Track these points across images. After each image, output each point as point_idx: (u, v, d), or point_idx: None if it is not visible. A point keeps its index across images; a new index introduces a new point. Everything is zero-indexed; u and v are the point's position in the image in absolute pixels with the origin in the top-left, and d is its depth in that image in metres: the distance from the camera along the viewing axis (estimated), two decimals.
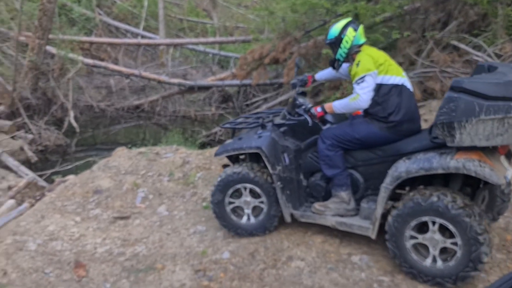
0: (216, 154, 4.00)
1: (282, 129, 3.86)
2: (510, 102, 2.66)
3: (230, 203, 3.93)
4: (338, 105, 3.54)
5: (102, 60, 13.95)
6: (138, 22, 16.69)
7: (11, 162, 7.87)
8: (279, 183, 3.66)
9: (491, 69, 3.18)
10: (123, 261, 3.76)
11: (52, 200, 4.87)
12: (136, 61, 15.16)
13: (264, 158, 3.66)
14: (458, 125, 2.77)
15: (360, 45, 3.60)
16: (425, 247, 3.15)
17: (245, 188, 3.84)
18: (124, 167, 5.46)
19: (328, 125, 3.77)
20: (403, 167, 3.10)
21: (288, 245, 3.77)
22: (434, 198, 3.00)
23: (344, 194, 3.57)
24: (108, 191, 5.01)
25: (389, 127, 3.38)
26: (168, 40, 14.35)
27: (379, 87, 3.40)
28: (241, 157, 4.15)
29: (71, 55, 11.55)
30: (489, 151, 2.99)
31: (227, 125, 4.18)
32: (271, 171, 3.65)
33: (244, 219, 3.93)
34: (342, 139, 3.51)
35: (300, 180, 3.84)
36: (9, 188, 6.01)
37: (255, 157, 3.94)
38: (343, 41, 3.57)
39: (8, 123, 9.46)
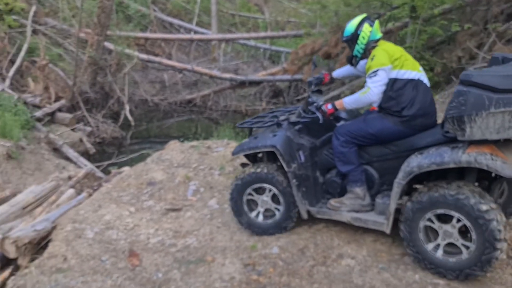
0: (233, 154, 4.06)
1: (297, 127, 3.87)
2: None
3: (248, 200, 3.98)
4: (348, 101, 3.56)
5: (156, 55, 14.33)
6: (191, 17, 16.98)
7: (71, 153, 8.26)
8: (294, 180, 3.68)
9: (505, 60, 3.16)
10: (175, 252, 3.85)
11: (108, 191, 5.07)
12: (189, 56, 15.45)
13: (279, 156, 3.68)
14: (468, 118, 2.79)
15: (377, 40, 3.60)
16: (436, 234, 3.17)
17: (266, 189, 3.87)
18: (176, 160, 5.58)
19: (342, 122, 3.77)
20: (415, 162, 3.11)
21: (338, 242, 3.72)
22: (461, 196, 2.97)
23: (359, 190, 3.58)
24: (161, 183, 5.14)
25: (403, 121, 3.37)
26: (220, 35, 14.51)
27: (393, 82, 3.39)
28: (259, 156, 4.16)
29: (127, 50, 11.95)
30: (503, 144, 2.96)
31: (244, 125, 4.19)
32: (286, 169, 3.67)
33: (254, 214, 3.99)
34: (356, 135, 3.52)
35: (316, 177, 3.85)
36: (69, 178, 6.29)
37: (272, 156, 3.94)
38: (360, 37, 3.58)
39: (68, 116, 9.93)
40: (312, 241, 3.76)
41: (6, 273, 3.99)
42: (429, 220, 3.13)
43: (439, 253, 3.15)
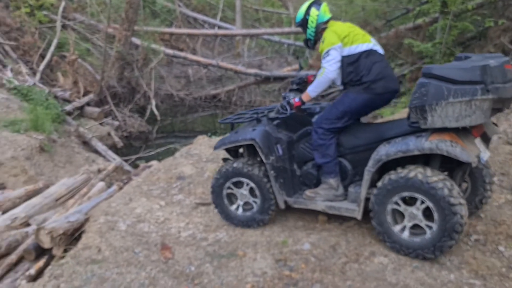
0: (215, 148, 4.22)
1: (275, 122, 4.07)
2: (476, 86, 2.89)
3: (228, 194, 4.15)
4: (311, 88, 3.77)
5: (181, 50, 14.43)
6: (215, 13, 17.04)
7: (100, 146, 8.40)
8: (272, 172, 3.87)
9: (466, 58, 3.36)
10: (206, 246, 3.89)
11: (138, 184, 5.14)
12: (213, 51, 15.51)
13: (258, 149, 3.87)
14: (429, 108, 3.03)
15: (326, 22, 3.85)
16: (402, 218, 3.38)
17: (244, 183, 4.02)
18: (205, 154, 5.62)
19: (316, 116, 3.97)
20: (383, 151, 3.34)
21: (370, 240, 3.69)
22: (411, 174, 3.20)
23: (333, 181, 3.77)
24: (190, 177, 5.18)
25: (365, 88, 3.59)
26: (244, 31, 14.52)
27: (348, 58, 3.62)
28: (240, 151, 4.32)
29: (153, 45, 12.07)
30: (463, 133, 3.19)
31: (226, 120, 4.35)
32: (264, 160, 3.87)
33: (234, 207, 4.16)
34: (331, 119, 3.71)
35: (293, 170, 4.06)
36: (99, 171, 6.41)
37: (252, 151, 4.11)
38: (309, 22, 3.86)
39: (97, 110, 10.10)
40: (344, 238, 3.75)
41: (41, 262, 4.10)
42: (396, 203, 3.33)
43: (405, 234, 3.36)
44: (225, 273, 3.46)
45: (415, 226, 3.33)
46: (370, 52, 3.63)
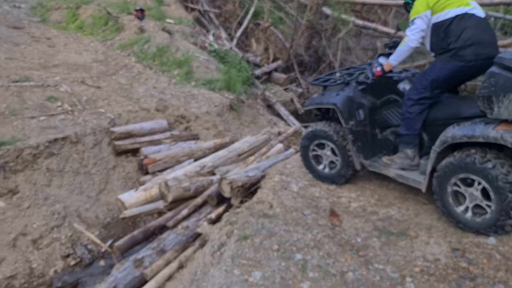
0: (304, 107, 4.60)
1: (360, 87, 4.06)
2: None
3: (316, 160, 4.43)
4: (393, 57, 3.76)
5: (371, 22, 13.91)
6: None
7: (283, 111, 8.74)
8: (350, 136, 4.01)
9: None
10: (376, 220, 3.74)
11: None
12: None
13: (338, 114, 4.01)
14: (496, 99, 2.95)
15: None
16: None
17: (325, 144, 4.26)
18: None
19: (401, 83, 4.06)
20: (450, 133, 3.29)
21: None
22: (465, 156, 3.19)
23: (410, 152, 3.77)
24: None
25: (452, 55, 3.46)
26: None
27: (439, 25, 3.52)
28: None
29: (343, 16, 11.88)
30: None
31: (317, 81, 4.42)
32: (344, 125, 4.01)
33: (321, 167, 4.41)
34: (419, 88, 3.64)
35: (374, 134, 4.14)
36: (279, 133, 6.69)
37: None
38: None
39: (283, 76, 10.51)
40: None
41: (221, 209, 4.49)
42: (455, 184, 3.31)
43: (468, 214, 3.31)
44: (392, 251, 3.29)
45: (478, 206, 3.28)
46: (464, 16, 3.46)
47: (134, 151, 6.40)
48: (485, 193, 3.19)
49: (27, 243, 4.88)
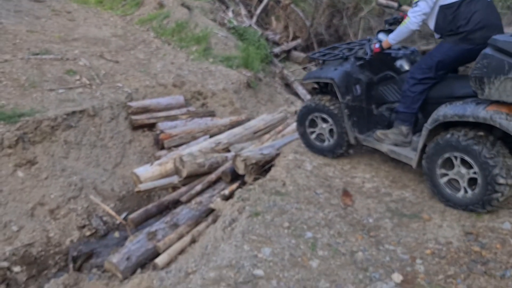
0: (303, 80, 4.78)
1: (358, 63, 4.09)
2: None
3: (312, 132, 4.50)
4: (392, 36, 3.75)
5: (395, 1, 13.58)
6: None
7: (300, 90, 8.66)
8: (346, 110, 4.08)
9: None
10: (388, 202, 3.71)
11: None
12: None
13: (335, 88, 4.07)
14: (488, 80, 3.01)
15: None
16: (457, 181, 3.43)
17: (318, 117, 4.37)
18: None
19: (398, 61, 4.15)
20: (442, 111, 3.35)
21: None
22: (449, 136, 3.32)
23: (405, 129, 3.86)
24: None
25: (462, 38, 3.44)
26: None
27: (447, 7, 3.45)
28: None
29: None
30: None
31: (315, 55, 4.46)
32: (340, 99, 4.07)
33: (326, 143, 4.45)
34: (424, 68, 3.64)
35: (370, 109, 4.18)
36: (295, 112, 6.64)
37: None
38: None
39: (302, 55, 10.38)
40: None
41: (235, 185, 4.50)
42: (443, 164, 3.43)
43: (469, 193, 3.35)
44: (404, 233, 3.26)
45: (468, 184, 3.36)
46: (473, 0, 3.41)
47: (151, 126, 6.44)
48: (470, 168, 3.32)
49: (44, 212, 4.99)
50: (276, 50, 9.98)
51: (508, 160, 3.14)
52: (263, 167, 4.54)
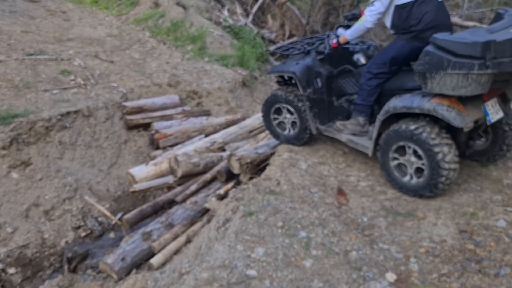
0: (268, 73, 4.89)
1: (320, 56, 4.23)
2: (474, 61, 3.00)
3: (275, 119, 4.65)
4: (349, 33, 3.94)
5: None
6: None
7: None
8: (307, 102, 4.28)
9: (498, 17, 3.48)
10: (383, 200, 3.69)
11: None
12: None
13: (297, 82, 4.26)
14: (429, 75, 3.25)
15: None
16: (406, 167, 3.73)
17: (286, 108, 4.50)
18: None
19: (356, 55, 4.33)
20: (392, 103, 3.63)
21: None
22: (397, 126, 3.59)
23: (361, 120, 4.07)
24: None
25: (413, 37, 3.63)
26: None
27: (401, 7, 3.60)
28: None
29: None
30: (469, 99, 3.34)
31: (278, 50, 4.69)
32: (301, 92, 4.27)
33: (286, 131, 4.64)
34: (379, 64, 3.83)
35: (331, 101, 4.36)
36: None
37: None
38: None
39: None
40: None
41: (229, 185, 4.49)
42: (395, 153, 3.69)
43: (412, 179, 3.66)
44: (398, 231, 3.25)
45: (417, 171, 3.63)
46: (425, 0, 3.58)
47: (146, 126, 6.42)
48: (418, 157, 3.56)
49: (39, 214, 4.97)
50: (272, 48, 9.95)
51: (451, 147, 3.40)
52: (258, 166, 4.52)
